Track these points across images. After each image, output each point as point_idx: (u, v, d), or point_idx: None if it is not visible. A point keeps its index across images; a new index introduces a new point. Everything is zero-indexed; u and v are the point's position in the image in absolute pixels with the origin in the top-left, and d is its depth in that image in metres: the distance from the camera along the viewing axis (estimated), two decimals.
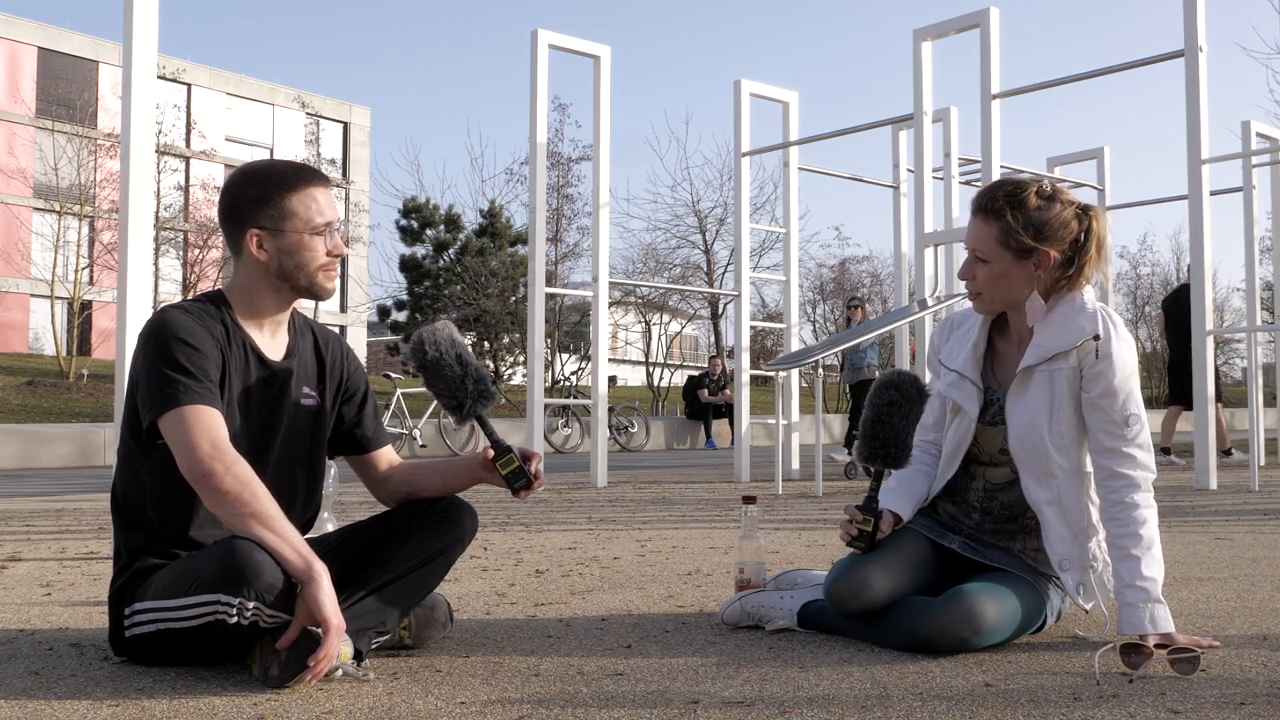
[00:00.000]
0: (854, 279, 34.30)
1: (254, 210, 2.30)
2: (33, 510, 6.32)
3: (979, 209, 2.54)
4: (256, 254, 2.31)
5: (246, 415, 2.34)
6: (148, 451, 2.27)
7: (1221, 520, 5.52)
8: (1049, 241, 2.48)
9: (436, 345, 2.30)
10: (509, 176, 33.35)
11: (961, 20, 8.27)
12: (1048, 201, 2.50)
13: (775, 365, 8.57)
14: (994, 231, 2.51)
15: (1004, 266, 2.51)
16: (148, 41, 4.29)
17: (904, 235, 10.78)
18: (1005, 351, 2.64)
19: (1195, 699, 2.02)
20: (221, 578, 2.06)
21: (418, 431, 13.89)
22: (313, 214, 2.32)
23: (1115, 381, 2.46)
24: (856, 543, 2.55)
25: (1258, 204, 11.37)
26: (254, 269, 2.34)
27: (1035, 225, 2.48)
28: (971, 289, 2.57)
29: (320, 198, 2.34)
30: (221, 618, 2.06)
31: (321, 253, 2.33)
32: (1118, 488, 2.44)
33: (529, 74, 8.46)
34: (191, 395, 2.16)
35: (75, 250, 29.57)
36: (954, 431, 2.64)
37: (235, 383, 2.31)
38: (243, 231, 2.32)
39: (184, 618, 2.12)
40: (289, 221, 2.30)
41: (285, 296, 2.38)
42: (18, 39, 38.15)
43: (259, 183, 2.32)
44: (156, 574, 2.22)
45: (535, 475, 2.39)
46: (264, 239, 2.31)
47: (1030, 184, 2.54)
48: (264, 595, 2.04)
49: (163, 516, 2.28)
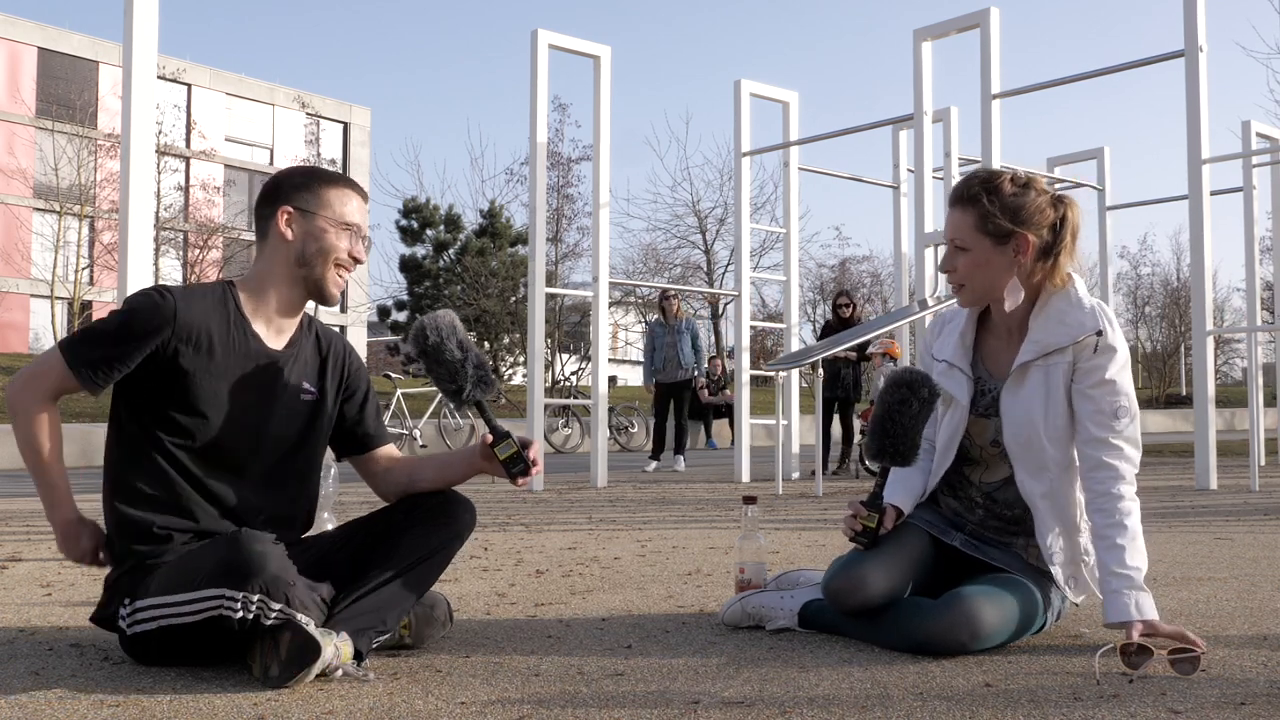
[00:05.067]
0: (854, 279, 34.32)
1: (292, 192, 2.41)
2: (33, 510, 6.33)
3: (955, 199, 2.57)
4: (284, 230, 2.39)
5: (240, 399, 2.35)
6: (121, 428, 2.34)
7: (1221, 520, 5.52)
8: (1026, 225, 2.50)
9: (438, 330, 2.33)
10: (509, 176, 33.40)
11: (961, 20, 8.27)
12: (1023, 188, 2.53)
13: (775, 365, 8.58)
14: (971, 218, 2.53)
15: (983, 253, 2.52)
16: (148, 41, 4.29)
17: (904, 235, 10.79)
18: (994, 344, 2.66)
19: (1195, 699, 2.02)
20: (224, 571, 2.08)
21: (418, 431, 13.89)
22: (346, 211, 2.43)
23: (1109, 374, 2.47)
24: (859, 538, 2.56)
25: (1258, 204, 11.37)
26: (276, 252, 2.41)
27: (1012, 209, 2.50)
28: (954, 280, 2.59)
29: (355, 202, 2.45)
30: (225, 613, 2.07)
31: (344, 249, 2.42)
32: (1103, 478, 2.45)
33: (529, 74, 8.47)
34: (79, 362, 2.26)
35: (75, 250, 29.60)
36: (947, 423, 2.65)
37: (230, 371, 2.33)
38: (275, 209, 2.40)
39: (187, 613, 2.13)
40: (323, 209, 2.40)
41: (297, 290, 2.42)
42: (18, 39, 38.13)
43: (304, 173, 2.48)
44: (158, 571, 2.23)
45: (532, 461, 2.40)
46: (294, 218, 2.40)
47: (1004, 173, 2.58)
48: (267, 588, 2.06)
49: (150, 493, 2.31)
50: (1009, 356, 2.59)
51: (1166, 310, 37.90)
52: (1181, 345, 35.27)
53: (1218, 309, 37.21)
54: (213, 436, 2.31)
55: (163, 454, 2.29)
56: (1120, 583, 2.37)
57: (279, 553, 2.14)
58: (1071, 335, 2.49)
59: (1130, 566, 2.38)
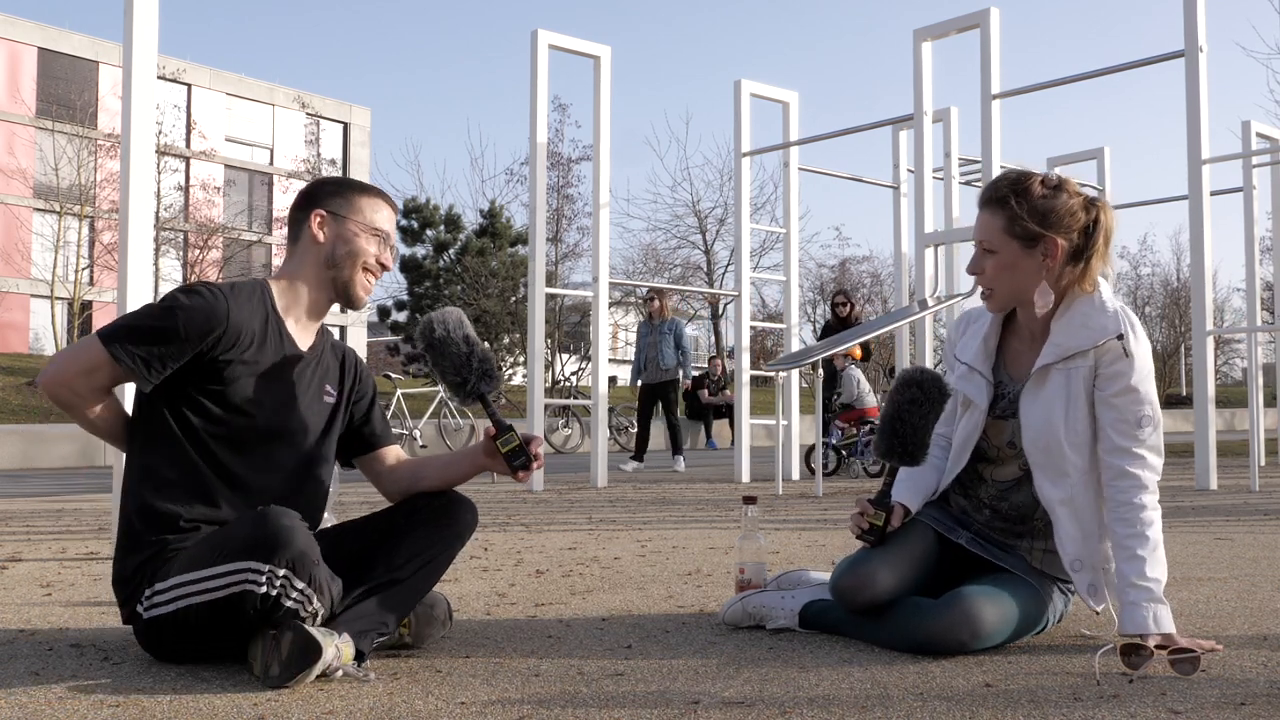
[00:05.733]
0: (854, 279, 34.32)
1: (326, 198, 2.49)
2: (33, 510, 6.33)
3: (985, 201, 2.53)
4: (316, 232, 2.46)
5: (273, 395, 2.39)
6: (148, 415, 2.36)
7: (1221, 520, 5.52)
8: (1055, 229, 2.46)
9: (445, 324, 2.36)
10: (509, 176, 33.41)
11: (961, 20, 8.27)
12: (1054, 190, 2.48)
13: (775, 365, 8.57)
14: (1000, 221, 2.49)
15: (1011, 256, 2.49)
16: (148, 41, 4.29)
17: (904, 235, 10.78)
18: (1017, 346, 2.63)
19: (1195, 699, 2.02)
20: (253, 544, 2.12)
21: (418, 432, 13.89)
22: (378, 219, 2.50)
23: (1132, 380, 2.44)
24: (866, 536, 2.56)
25: (1258, 204, 11.37)
26: (307, 253, 2.47)
27: (1041, 212, 2.46)
28: (983, 283, 2.55)
29: (386, 212, 2.53)
30: (250, 587, 2.10)
31: (372, 255, 2.49)
32: (1126, 487, 2.43)
33: (529, 74, 8.46)
34: (131, 358, 2.26)
35: (75, 250, 29.59)
36: (964, 424, 2.64)
37: (265, 367, 2.38)
38: (309, 213, 2.47)
39: (211, 588, 2.14)
40: (355, 214, 2.48)
41: (325, 293, 2.49)
42: (18, 39, 38.13)
43: (339, 181, 2.56)
44: (180, 553, 2.24)
45: (535, 456, 2.41)
46: (327, 221, 2.47)
47: (1036, 174, 2.52)
48: (294, 563, 2.10)
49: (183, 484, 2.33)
50: (1031, 359, 2.56)
51: (1166, 310, 37.92)
52: (1181, 345, 35.28)
53: (1218, 309, 37.22)
54: (246, 429, 2.35)
55: (194, 443, 2.32)
56: (1139, 595, 2.35)
57: (305, 529, 2.18)
58: (1093, 339, 2.46)
59: (1150, 578, 2.36)
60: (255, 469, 2.37)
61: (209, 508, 2.32)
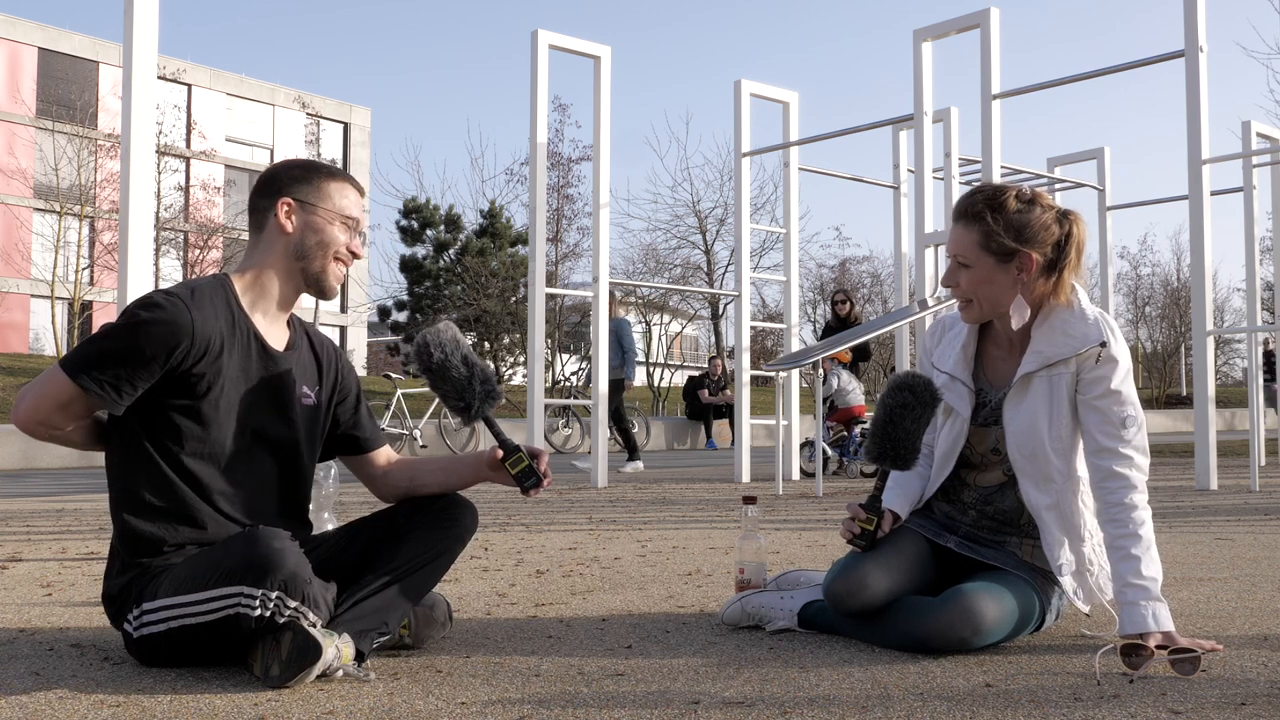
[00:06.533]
0: (854, 279, 34.33)
1: (292, 184, 2.39)
2: (33, 510, 6.33)
3: (959, 215, 2.56)
4: (284, 222, 2.37)
5: (247, 405, 2.33)
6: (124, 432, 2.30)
7: (1221, 520, 5.52)
8: (1030, 244, 2.49)
9: (442, 348, 2.30)
10: (509, 176, 33.43)
11: (961, 20, 8.27)
12: (1028, 205, 2.52)
13: (775, 365, 8.57)
14: (975, 235, 2.52)
15: (986, 271, 2.52)
16: (148, 41, 4.29)
17: (904, 235, 10.78)
18: (995, 354, 2.66)
19: (1195, 699, 2.02)
20: (244, 568, 2.07)
21: (418, 432, 13.88)
22: (346, 204, 2.42)
23: (1114, 384, 2.47)
24: (858, 541, 2.56)
25: (1258, 204, 11.37)
26: (274, 245, 2.38)
27: (1016, 227, 2.49)
28: (959, 296, 2.58)
29: (354, 196, 2.44)
30: (243, 611, 2.06)
31: (342, 243, 2.40)
32: (1115, 488, 2.45)
33: (529, 74, 8.47)
34: (96, 383, 2.18)
35: (75, 250, 29.58)
36: (947, 433, 2.65)
37: (236, 372, 2.31)
38: (274, 202, 2.37)
39: (202, 613, 2.11)
40: (323, 201, 2.39)
41: (294, 284, 2.40)
42: (18, 39, 38.14)
43: (303, 165, 2.44)
44: (169, 571, 2.21)
45: (544, 474, 2.39)
46: (295, 210, 2.37)
47: (1010, 188, 2.56)
48: (286, 584, 2.06)
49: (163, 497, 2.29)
50: (1010, 366, 2.59)
51: (1166, 310, 37.90)
52: (1181, 345, 35.27)
53: (1218, 309, 37.22)
54: (221, 442, 2.30)
55: (170, 463, 2.27)
56: (1137, 594, 2.36)
57: (296, 549, 2.13)
58: (1075, 347, 2.49)
59: (1146, 577, 2.37)
60: (235, 482, 2.32)
61: (194, 529, 2.28)
